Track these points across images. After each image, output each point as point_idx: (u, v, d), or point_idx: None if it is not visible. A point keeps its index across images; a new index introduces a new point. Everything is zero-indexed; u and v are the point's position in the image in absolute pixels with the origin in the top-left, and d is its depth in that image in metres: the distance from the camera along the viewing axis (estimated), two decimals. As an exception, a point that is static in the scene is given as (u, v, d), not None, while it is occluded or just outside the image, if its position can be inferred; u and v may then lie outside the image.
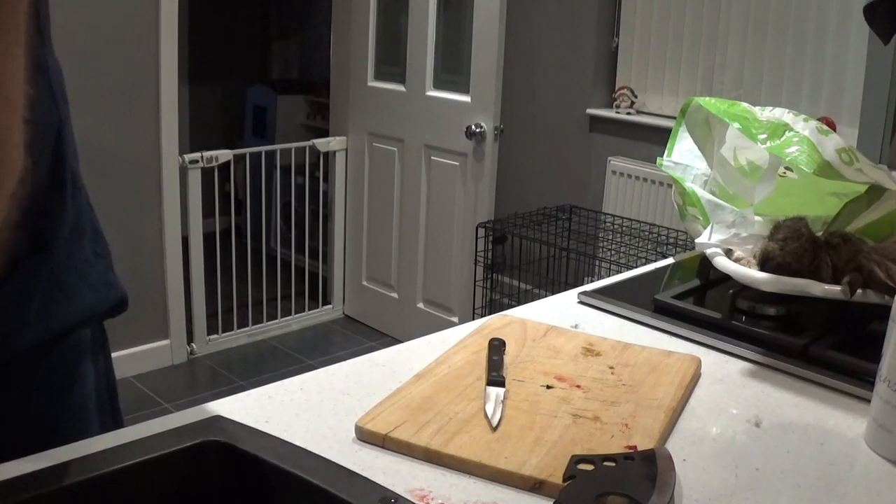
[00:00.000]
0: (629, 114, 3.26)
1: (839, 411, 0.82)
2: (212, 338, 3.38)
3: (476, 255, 3.20)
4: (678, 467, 0.68)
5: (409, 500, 0.62)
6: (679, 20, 3.15)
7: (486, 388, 0.80)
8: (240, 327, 3.48)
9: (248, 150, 3.59)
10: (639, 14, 3.27)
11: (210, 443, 0.69)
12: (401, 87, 3.41)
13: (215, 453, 0.68)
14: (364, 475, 0.65)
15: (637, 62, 3.31)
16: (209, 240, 3.32)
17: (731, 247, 1.03)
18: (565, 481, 0.64)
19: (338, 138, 3.65)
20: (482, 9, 3.05)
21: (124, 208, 2.93)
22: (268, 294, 3.73)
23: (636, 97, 3.29)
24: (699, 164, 1.19)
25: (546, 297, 1.14)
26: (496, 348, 0.88)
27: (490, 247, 3.22)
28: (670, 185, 1.68)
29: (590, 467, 0.65)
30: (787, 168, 1.04)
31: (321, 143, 3.62)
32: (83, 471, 0.63)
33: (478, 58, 3.10)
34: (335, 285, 3.79)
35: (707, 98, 1.10)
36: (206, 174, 3.28)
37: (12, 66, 0.55)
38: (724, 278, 1.02)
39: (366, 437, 0.72)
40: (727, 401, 0.83)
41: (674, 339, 0.98)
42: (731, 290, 1.00)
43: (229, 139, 4.56)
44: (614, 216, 3.20)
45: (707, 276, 1.11)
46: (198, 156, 3.19)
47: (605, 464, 0.65)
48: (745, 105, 1.07)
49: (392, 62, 3.45)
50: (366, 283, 3.73)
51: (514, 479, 0.66)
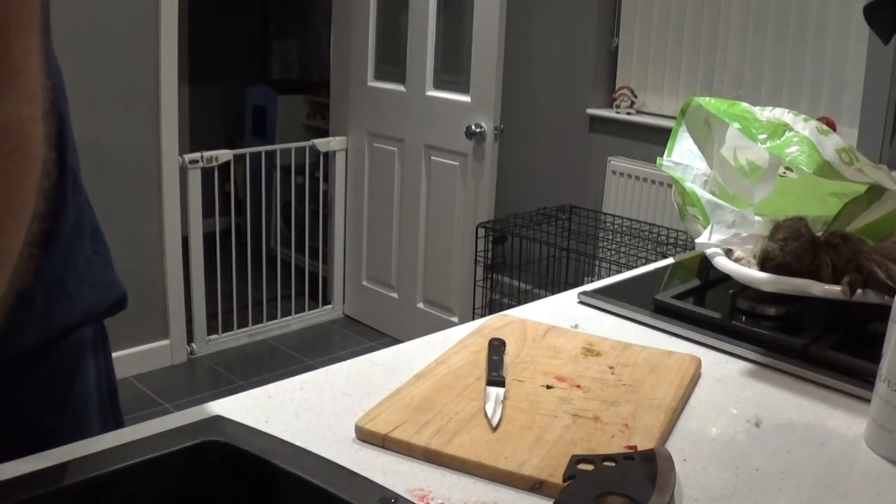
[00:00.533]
0: (629, 114, 3.26)
1: (839, 411, 0.82)
2: (212, 338, 3.38)
3: (476, 255, 3.20)
4: (678, 467, 0.68)
5: (409, 500, 0.63)
6: (679, 20, 3.15)
7: (486, 388, 0.80)
8: (240, 327, 3.48)
9: (248, 150, 3.59)
10: (639, 14, 3.27)
11: (210, 443, 0.69)
12: (401, 87, 3.41)
13: (215, 453, 0.68)
14: (364, 475, 0.65)
15: (637, 62, 3.31)
16: (209, 240, 3.32)
17: (731, 247, 1.02)
18: (565, 481, 0.64)
19: (338, 138, 3.65)
20: (482, 9, 3.05)
21: (124, 208, 2.93)
22: (268, 294, 3.72)
23: (636, 97, 3.29)
24: (699, 164, 1.19)
25: (546, 297, 1.14)
26: (496, 348, 0.88)
27: (490, 247, 3.22)
28: (670, 185, 1.68)
29: (590, 467, 0.65)
30: (787, 168, 1.04)
31: (321, 143, 3.62)
32: (83, 471, 0.63)
33: (478, 58, 3.10)
34: (335, 285, 3.79)
35: (707, 98, 1.10)
36: (206, 174, 3.28)
37: (31, 59, 0.56)
38: (724, 278, 1.02)
39: (366, 437, 0.72)
40: (727, 401, 0.83)
41: (674, 339, 0.98)
42: (731, 290, 1.00)
43: (229, 139, 4.56)
44: (614, 216, 3.20)
45: (707, 276, 1.11)
46: (198, 156, 3.19)
47: (605, 464, 0.65)
48: (745, 105, 1.07)
49: (392, 62, 3.44)
50: (366, 283, 3.73)
51: (514, 479, 0.66)
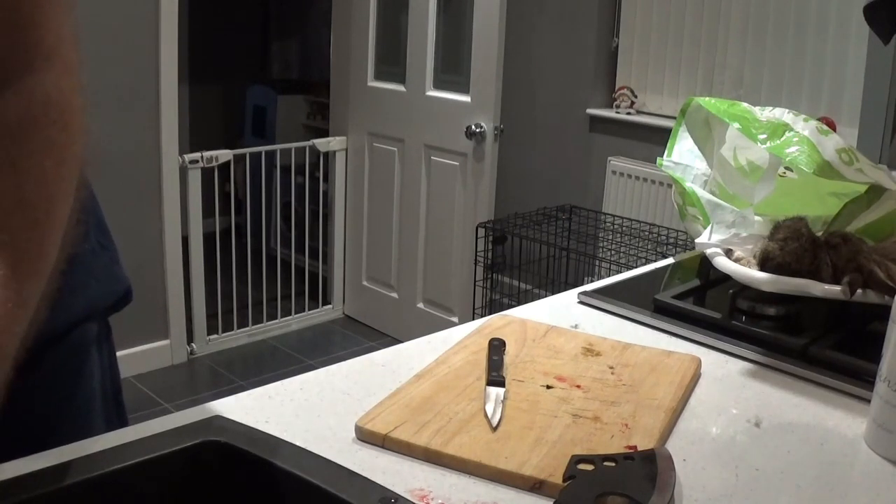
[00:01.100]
0: (629, 114, 3.26)
1: (839, 411, 0.82)
2: (212, 338, 3.38)
3: (476, 255, 3.20)
4: (678, 467, 0.68)
5: (409, 500, 0.62)
6: (679, 20, 3.15)
7: (486, 388, 0.80)
8: (240, 327, 3.48)
9: (248, 150, 3.59)
10: (639, 14, 3.27)
11: (210, 443, 0.69)
12: (401, 87, 3.41)
13: (215, 453, 0.68)
14: (364, 475, 0.65)
15: (637, 62, 3.31)
16: (209, 240, 3.32)
17: (731, 247, 1.02)
18: (565, 481, 0.64)
19: (338, 138, 3.65)
20: (482, 9, 3.05)
21: (124, 208, 2.93)
22: (268, 294, 3.72)
23: (636, 97, 3.29)
24: (699, 164, 1.19)
25: (546, 297, 1.14)
26: (496, 348, 0.88)
27: (490, 247, 3.22)
28: (670, 185, 1.68)
29: (590, 467, 0.65)
30: (787, 168, 1.04)
31: (321, 143, 3.62)
32: (83, 470, 0.63)
33: (478, 58, 3.10)
34: (335, 285, 3.79)
35: (707, 98, 1.10)
36: (206, 174, 3.28)
37: (67, 33, 0.56)
38: (724, 278, 1.02)
39: (366, 437, 0.72)
40: (727, 401, 0.83)
41: (674, 339, 0.98)
42: (731, 290, 1.00)
43: (229, 139, 4.56)
44: (614, 216, 3.20)
45: (707, 276, 1.11)
46: (198, 156, 3.19)
47: (605, 464, 0.65)
48: (745, 105, 1.07)
49: (392, 62, 3.44)
50: (366, 283, 3.73)
51: (514, 479, 0.66)
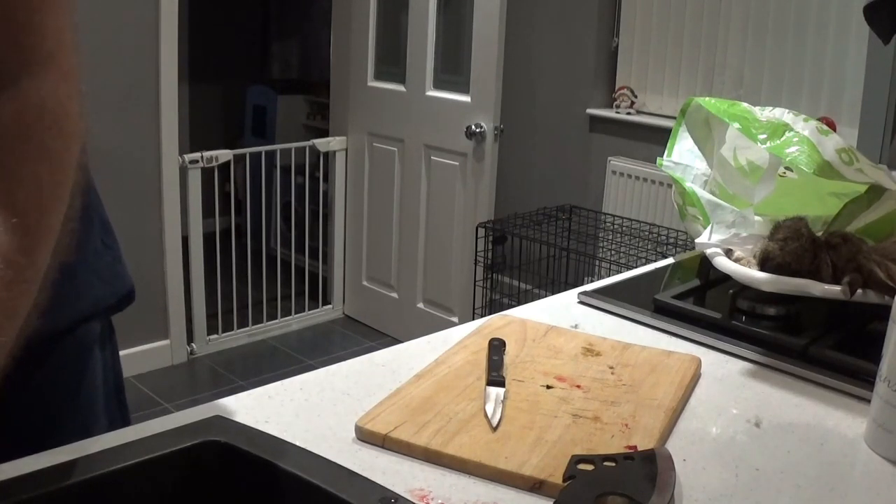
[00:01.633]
0: (629, 114, 3.26)
1: (839, 411, 0.82)
2: (212, 338, 3.38)
3: (476, 255, 3.20)
4: (678, 467, 0.68)
5: (409, 500, 0.62)
6: (679, 20, 3.15)
7: (486, 388, 0.80)
8: (240, 327, 3.48)
9: (248, 150, 3.58)
10: (639, 14, 3.27)
11: (210, 443, 0.69)
12: (401, 87, 3.41)
13: (215, 453, 0.68)
14: (364, 475, 0.65)
15: (637, 62, 3.31)
16: (209, 240, 3.31)
17: (731, 247, 1.02)
18: (565, 481, 0.64)
19: (338, 138, 3.65)
20: (482, 9, 3.05)
21: (124, 208, 2.93)
22: (268, 294, 3.72)
23: (636, 97, 3.29)
24: (699, 164, 1.19)
25: (546, 297, 1.14)
26: (496, 348, 0.88)
27: (490, 247, 3.22)
28: (670, 185, 1.68)
29: (590, 467, 0.65)
30: (787, 168, 1.04)
31: (321, 143, 3.62)
32: (83, 470, 0.63)
33: (478, 58, 3.10)
34: (335, 285, 3.79)
35: (707, 98, 1.10)
36: (206, 174, 3.28)
37: (66, 38, 0.57)
38: (724, 278, 1.02)
39: (366, 437, 0.72)
40: (727, 401, 0.83)
41: (674, 339, 0.98)
42: (731, 290, 1.00)
43: (229, 139, 4.56)
44: (614, 216, 3.20)
45: (707, 276, 1.11)
46: (198, 156, 3.19)
47: (605, 464, 0.65)
48: (745, 105, 1.07)
49: (392, 62, 3.44)
50: (366, 283, 3.73)
51: (514, 479, 0.66)
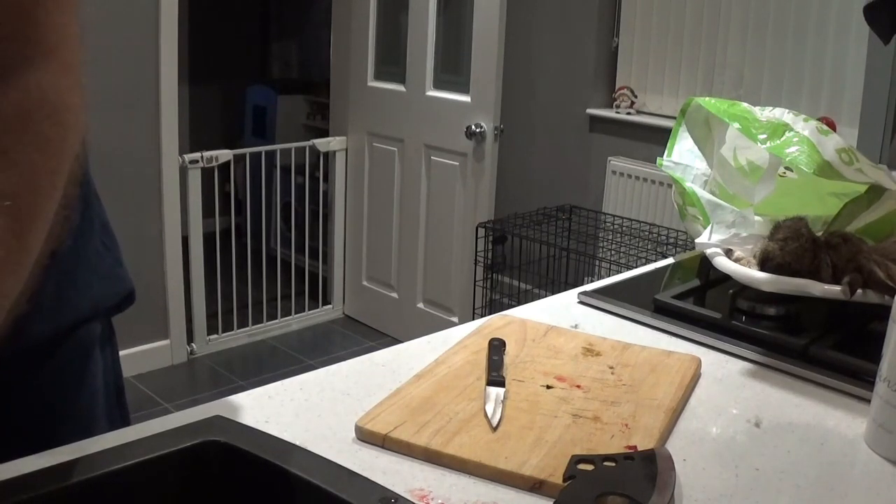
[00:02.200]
0: (629, 114, 3.26)
1: (839, 411, 0.82)
2: (212, 338, 3.38)
3: (476, 255, 3.20)
4: (678, 467, 0.68)
5: (409, 500, 0.62)
6: (679, 20, 3.15)
7: (486, 388, 0.80)
8: (240, 327, 3.48)
9: (248, 150, 3.58)
10: (639, 14, 3.27)
11: (210, 443, 0.69)
12: (401, 87, 3.41)
13: (215, 453, 0.68)
14: (364, 475, 0.65)
15: (637, 62, 3.31)
16: (209, 240, 3.31)
17: (731, 247, 1.02)
18: (565, 481, 0.64)
19: (338, 138, 3.65)
20: (482, 9, 3.05)
21: (124, 208, 2.93)
22: (268, 294, 3.72)
23: (636, 97, 3.29)
24: (699, 164, 1.19)
25: (546, 297, 1.14)
26: (496, 348, 0.88)
27: (490, 247, 3.22)
28: (670, 185, 1.68)
29: (590, 467, 0.65)
30: (787, 168, 1.04)
31: (321, 143, 3.62)
32: (84, 470, 0.63)
33: (478, 58, 3.10)
34: (335, 285, 3.79)
35: (707, 98, 1.10)
36: (206, 174, 3.28)
37: (69, 33, 0.57)
38: (724, 278, 1.02)
39: (366, 437, 0.72)
40: (727, 401, 0.83)
41: (674, 339, 0.98)
42: (731, 290, 1.00)
43: (229, 139, 4.55)
44: (614, 216, 3.20)
45: (707, 276, 1.11)
46: (198, 156, 3.19)
47: (605, 464, 0.65)
48: (745, 105, 1.07)
49: (392, 62, 3.44)
50: (366, 283, 3.73)
51: (514, 479, 0.66)
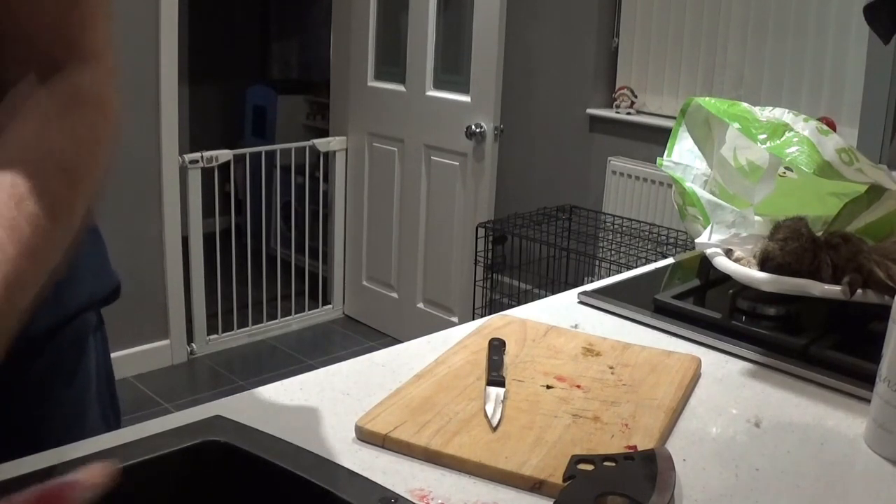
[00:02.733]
0: (629, 114, 3.26)
1: (839, 411, 0.82)
2: (212, 338, 3.38)
3: (476, 255, 3.20)
4: (678, 467, 0.68)
5: (409, 500, 0.62)
6: (679, 20, 3.15)
7: (486, 388, 0.80)
8: (240, 327, 3.48)
9: (248, 150, 3.58)
10: (639, 14, 3.27)
11: (210, 443, 0.69)
12: (401, 87, 3.41)
13: (215, 453, 0.68)
14: (364, 475, 0.65)
15: (637, 62, 3.31)
16: (209, 240, 3.31)
17: (731, 247, 1.03)
18: (565, 481, 0.64)
19: (338, 138, 3.65)
20: (482, 9, 3.05)
21: (124, 208, 2.93)
22: (268, 294, 3.72)
23: (636, 97, 3.29)
24: (699, 164, 1.19)
25: (546, 297, 1.14)
26: (496, 348, 0.88)
27: (490, 247, 3.22)
28: (670, 185, 1.68)
29: (590, 467, 0.65)
30: (787, 168, 1.04)
31: (321, 143, 3.62)
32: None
33: (478, 58, 3.10)
34: (335, 285, 3.79)
35: (707, 98, 1.10)
36: (206, 174, 3.28)
37: (111, 39, 0.58)
38: (724, 278, 1.02)
39: (366, 437, 0.72)
40: (727, 401, 0.83)
41: (674, 339, 0.98)
42: (731, 290, 1.00)
43: (229, 139, 4.55)
44: (614, 216, 3.20)
45: (707, 276, 1.11)
46: (198, 156, 3.19)
47: (605, 464, 0.65)
48: (745, 105, 1.07)
49: (392, 62, 3.44)
50: (366, 283, 3.73)
51: (514, 479, 0.66)
